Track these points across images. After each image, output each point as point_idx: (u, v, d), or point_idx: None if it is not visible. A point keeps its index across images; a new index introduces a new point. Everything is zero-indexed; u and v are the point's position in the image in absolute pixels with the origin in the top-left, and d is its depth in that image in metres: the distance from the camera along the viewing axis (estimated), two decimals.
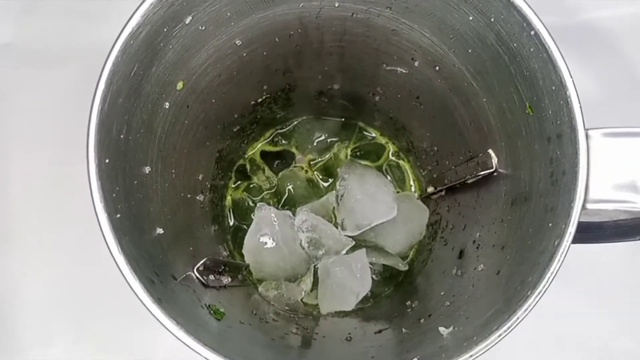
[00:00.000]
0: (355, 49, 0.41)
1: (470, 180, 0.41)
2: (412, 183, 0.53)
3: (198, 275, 0.36)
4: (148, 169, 0.34)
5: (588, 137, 0.29)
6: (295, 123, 0.53)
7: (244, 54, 0.39)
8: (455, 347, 0.30)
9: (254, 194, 0.52)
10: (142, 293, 0.28)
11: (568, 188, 0.29)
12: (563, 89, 0.30)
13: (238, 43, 0.38)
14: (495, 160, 0.37)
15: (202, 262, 0.37)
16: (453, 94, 0.40)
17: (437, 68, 0.39)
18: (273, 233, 0.45)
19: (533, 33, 0.30)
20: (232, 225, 0.51)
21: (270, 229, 0.45)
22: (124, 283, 0.29)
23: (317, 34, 0.40)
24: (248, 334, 0.37)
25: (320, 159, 0.53)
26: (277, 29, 0.38)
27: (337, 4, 0.36)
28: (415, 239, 0.50)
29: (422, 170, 0.51)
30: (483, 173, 0.38)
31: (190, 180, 0.43)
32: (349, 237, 0.48)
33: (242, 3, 0.35)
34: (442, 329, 0.32)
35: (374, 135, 0.53)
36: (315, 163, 0.53)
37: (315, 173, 0.53)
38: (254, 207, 0.50)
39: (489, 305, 0.31)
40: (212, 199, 0.47)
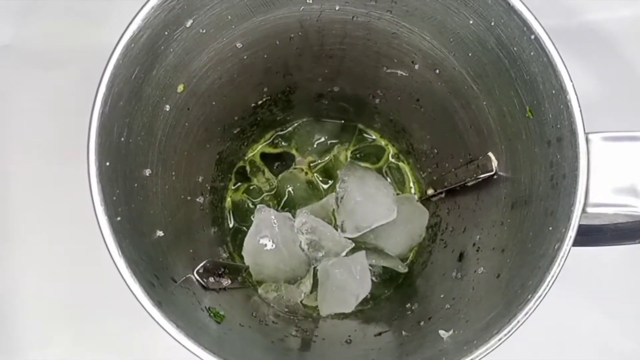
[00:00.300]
0: (356, 52, 0.42)
1: (470, 183, 0.41)
2: (412, 185, 0.53)
3: (198, 278, 0.36)
4: (148, 172, 0.34)
5: (588, 141, 0.29)
6: (296, 125, 0.53)
7: (245, 57, 0.39)
8: (456, 350, 0.30)
9: (254, 196, 0.52)
10: (142, 296, 0.28)
11: (568, 192, 0.29)
12: (563, 93, 0.30)
13: (239, 46, 0.38)
14: (495, 163, 0.37)
15: (202, 264, 0.37)
16: (453, 97, 0.40)
17: (437, 71, 0.39)
18: (273, 235, 0.45)
19: (533, 37, 0.30)
20: (231, 227, 0.51)
21: (270, 231, 0.45)
22: (123, 284, 0.29)
23: (317, 37, 0.40)
24: (248, 337, 0.37)
25: (320, 161, 0.53)
26: (277, 32, 0.38)
27: (337, 7, 0.36)
28: (415, 241, 0.50)
29: (422, 173, 0.51)
30: (483, 176, 0.38)
31: (190, 183, 0.43)
32: (349, 239, 0.48)
33: (242, 6, 0.35)
34: (442, 332, 0.33)
35: (374, 138, 0.54)
36: (315, 165, 0.53)
37: (315, 175, 0.53)
38: (254, 209, 0.49)
39: (489, 309, 0.31)
40: (212, 201, 0.47)
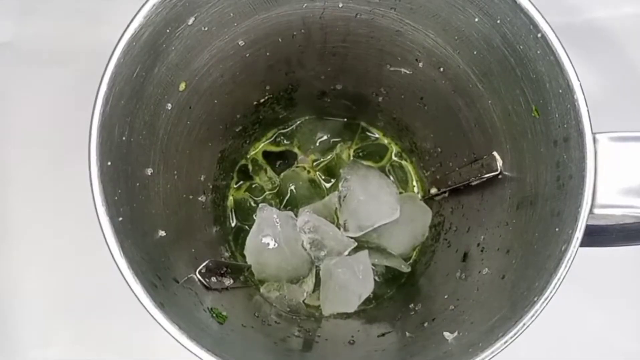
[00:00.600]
0: (359, 50, 0.41)
1: (475, 183, 0.40)
2: (415, 184, 0.52)
3: (200, 278, 0.36)
4: (150, 171, 0.34)
5: (595, 141, 0.29)
6: (298, 123, 0.53)
7: (247, 55, 0.39)
8: (461, 352, 0.30)
9: (256, 194, 0.51)
10: (144, 297, 0.27)
11: (575, 193, 0.29)
12: (570, 93, 0.29)
13: (241, 44, 0.37)
14: (500, 163, 0.37)
15: (204, 264, 0.36)
16: (458, 96, 0.39)
17: (441, 69, 0.39)
18: (275, 234, 0.45)
19: (540, 35, 0.30)
20: (233, 226, 0.50)
21: (272, 230, 0.45)
22: (124, 283, 0.28)
23: (320, 35, 0.39)
24: (250, 338, 0.36)
25: (323, 159, 0.53)
26: (280, 30, 0.38)
27: (340, 5, 0.36)
28: (418, 241, 0.49)
29: (425, 172, 0.50)
30: (488, 175, 0.38)
31: (192, 181, 0.42)
32: (352, 238, 0.48)
33: (245, 4, 0.34)
34: (446, 334, 0.32)
35: (377, 136, 0.53)
36: (318, 163, 0.53)
37: (318, 173, 0.52)
38: (256, 207, 0.49)
39: (495, 311, 0.31)
40: (214, 200, 0.47)
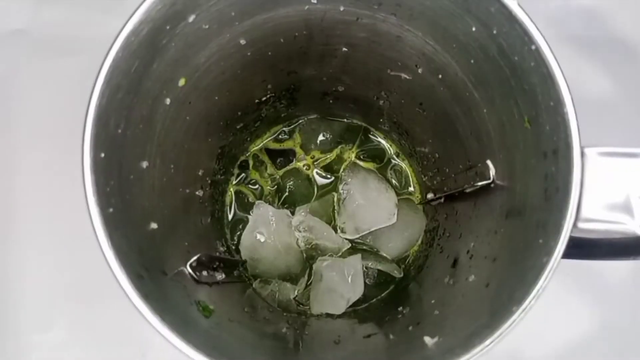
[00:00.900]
0: (360, 53, 0.41)
1: (469, 190, 0.40)
2: (413, 188, 0.52)
3: (190, 271, 0.36)
4: (145, 164, 0.34)
5: (583, 155, 0.29)
6: (301, 122, 0.54)
7: (248, 54, 0.39)
8: (439, 357, 0.30)
9: (255, 191, 0.52)
10: (128, 287, 0.28)
11: (560, 205, 0.29)
12: (561, 106, 0.29)
13: (242, 42, 0.38)
14: (493, 172, 0.37)
15: (195, 257, 0.37)
16: (455, 103, 0.39)
17: (440, 76, 0.39)
18: (269, 231, 0.45)
19: (534, 47, 0.30)
20: (230, 221, 0.51)
21: (267, 227, 0.45)
22: None
23: (322, 37, 0.40)
24: (237, 333, 0.37)
25: (323, 159, 0.53)
26: (281, 30, 0.38)
27: (342, 8, 0.36)
28: (412, 245, 0.50)
29: (423, 176, 0.51)
30: (481, 183, 0.38)
31: (190, 176, 0.43)
32: (347, 239, 0.49)
33: (246, 3, 0.34)
34: (427, 339, 0.32)
35: (378, 139, 0.53)
36: (318, 163, 0.53)
37: (317, 173, 0.53)
38: (254, 204, 0.50)
39: (475, 318, 0.31)
40: (212, 195, 0.47)
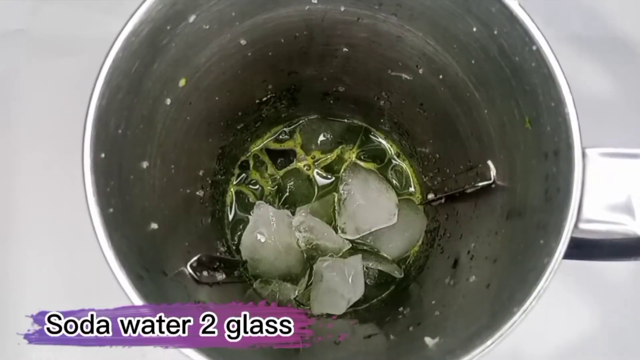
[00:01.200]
0: (361, 53, 0.41)
1: (469, 190, 0.40)
2: (413, 188, 0.52)
3: (191, 271, 0.36)
4: (146, 164, 0.34)
5: (585, 155, 0.29)
6: (301, 122, 0.54)
7: (249, 54, 0.39)
8: (440, 358, 0.30)
9: (255, 191, 0.52)
10: (129, 288, 0.28)
11: (561, 206, 0.29)
12: (562, 106, 0.29)
13: (243, 42, 0.38)
14: (494, 172, 0.37)
15: (195, 258, 0.37)
16: (455, 103, 0.39)
17: (440, 77, 0.39)
18: (270, 232, 0.45)
19: (535, 48, 0.30)
20: (231, 221, 0.51)
21: (267, 228, 0.45)
22: None
23: (322, 37, 0.40)
24: None
25: (324, 160, 0.53)
26: (282, 31, 0.38)
27: (342, 9, 0.36)
28: (413, 245, 0.50)
29: (423, 177, 0.50)
30: (482, 184, 0.38)
31: (191, 176, 0.43)
32: (348, 240, 0.48)
33: (247, 4, 0.34)
34: (427, 340, 0.32)
35: (379, 139, 0.53)
36: (319, 163, 0.53)
37: (318, 173, 0.53)
38: (254, 204, 0.50)
39: (476, 319, 0.31)
40: (212, 195, 0.47)
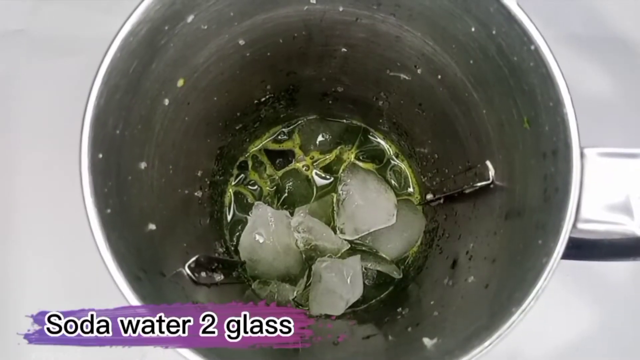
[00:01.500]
0: (359, 54, 0.41)
1: (468, 190, 0.40)
2: (412, 188, 0.52)
3: (189, 272, 0.36)
4: (144, 165, 0.34)
5: (583, 155, 0.29)
6: (300, 123, 0.54)
7: (247, 54, 0.39)
8: (438, 359, 0.30)
9: (254, 192, 0.52)
10: (126, 289, 0.28)
11: (560, 206, 0.29)
12: (560, 106, 0.29)
13: (241, 43, 0.38)
14: (493, 172, 0.37)
15: (193, 259, 0.37)
16: (454, 104, 0.39)
17: (439, 77, 0.39)
18: (268, 232, 0.45)
19: (533, 48, 0.30)
20: (229, 222, 0.51)
21: (266, 229, 0.45)
22: None
23: (321, 37, 0.39)
24: None
25: (323, 160, 0.53)
26: (281, 31, 0.38)
27: (341, 9, 0.36)
28: (412, 246, 0.50)
29: (422, 177, 0.50)
30: (480, 184, 0.38)
31: (189, 177, 0.43)
32: (346, 240, 0.48)
33: (245, 4, 0.34)
34: (426, 340, 0.32)
35: (377, 139, 0.53)
36: (318, 164, 0.53)
37: (317, 173, 0.53)
38: (253, 204, 0.50)
39: (474, 319, 0.31)
40: (211, 195, 0.47)
